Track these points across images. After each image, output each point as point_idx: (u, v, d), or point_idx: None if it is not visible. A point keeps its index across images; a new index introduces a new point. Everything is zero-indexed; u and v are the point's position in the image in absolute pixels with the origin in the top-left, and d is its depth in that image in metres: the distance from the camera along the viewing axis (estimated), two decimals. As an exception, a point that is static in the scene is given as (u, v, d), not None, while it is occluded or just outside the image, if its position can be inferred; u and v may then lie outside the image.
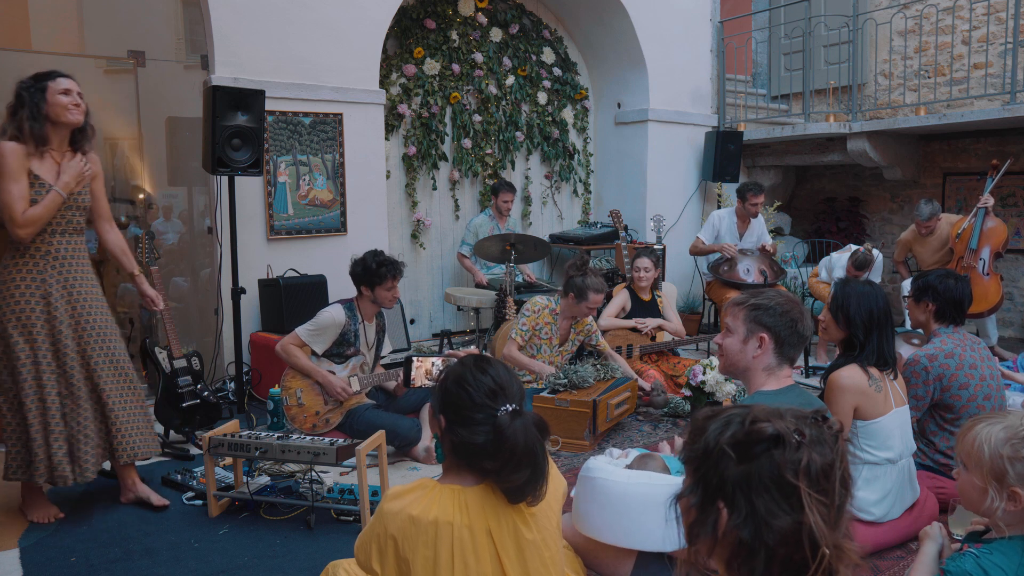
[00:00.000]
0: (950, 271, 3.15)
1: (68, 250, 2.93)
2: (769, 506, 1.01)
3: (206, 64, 4.83)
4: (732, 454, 1.05)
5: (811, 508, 1.00)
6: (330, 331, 3.68)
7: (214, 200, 4.68)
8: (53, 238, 2.89)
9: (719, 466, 1.06)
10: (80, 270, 2.97)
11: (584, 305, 4.13)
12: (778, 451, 1.03)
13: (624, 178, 6.99)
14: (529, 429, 1.57)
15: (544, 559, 1.63)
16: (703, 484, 1.08)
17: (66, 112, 2.85)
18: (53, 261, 2.89)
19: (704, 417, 1.13)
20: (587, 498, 2.34)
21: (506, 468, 1.55)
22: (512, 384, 1.64)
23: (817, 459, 1.03)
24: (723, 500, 1.05)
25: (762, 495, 1.02)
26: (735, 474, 1.04)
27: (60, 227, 2.90)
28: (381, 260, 3.69)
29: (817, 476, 1.02)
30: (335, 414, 3.68)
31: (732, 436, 1.06)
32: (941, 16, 6.45)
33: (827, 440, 1.06)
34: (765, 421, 1.06)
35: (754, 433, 1.05)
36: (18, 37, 5.91)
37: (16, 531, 2.87)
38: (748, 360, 2.16)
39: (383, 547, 1.57)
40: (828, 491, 1.03)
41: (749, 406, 1.12)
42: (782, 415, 1.07)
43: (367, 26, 5.25)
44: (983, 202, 5.20)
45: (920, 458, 2.98)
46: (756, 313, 2.15)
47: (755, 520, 1.02)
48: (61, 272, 2.90)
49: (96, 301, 2.99)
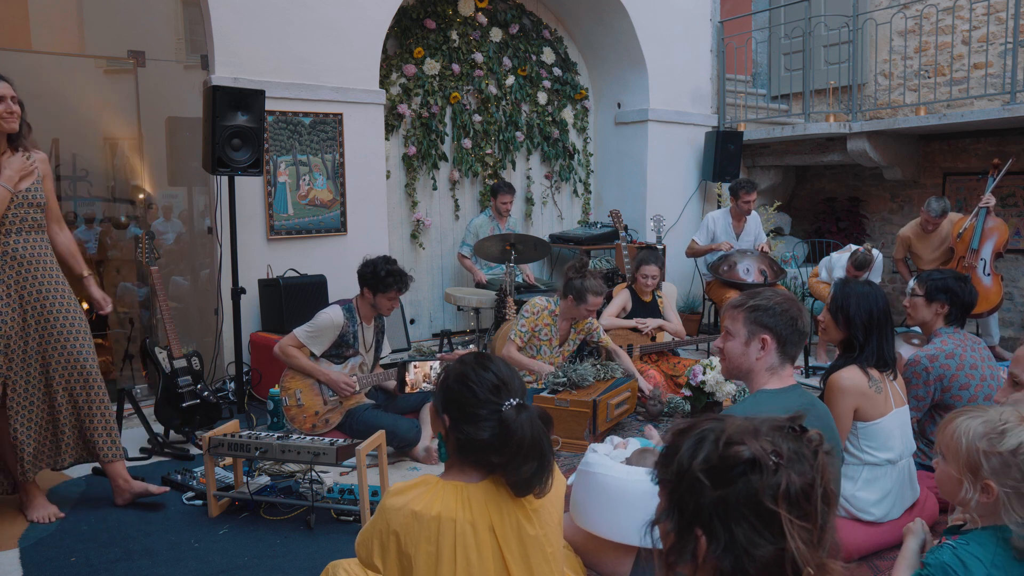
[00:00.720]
0: (959, 273, 3.15)
1: (27, 249, 2.88)
2: (749, 535, 0.98)
3: (206, 64, 4.83)
4: (706, 481, 1.01)
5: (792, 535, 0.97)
6: (328, 333, 3.68)
7: (214, 200, 4.68)
8: (9, 238, 2.85)
9: (693, 492, 1.02)
10: (40, 269, 2.91)
11: (583, 307, 4.13)
12: (755, 476, 0.98)
13: (624, 178, 6.99)
14: (535, 422, 1.58)
15: (546, 555, 1.64)
16: (679, 510, 1.04)
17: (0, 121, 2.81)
18: (11, 261, 2.85)
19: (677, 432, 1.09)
20: (585, 492, 2.34)
21: (514, 461, 1.56)
22: (514, 379, 1.65)
23: (796, 480, 0.98)
24: (700, 527, 1.01)
25: (741, 523, 0.98)
26: (711, 500, 1.00)
27: (15, 226, 2.86)
28: (391, 270, 3.66)
29: (797, 498, 0.98)
30: (334, 414, 3.68)
31: (706, 460, 1.02)
32: (941, 16, 6.45)
33: (806, 456, 1.02)
34: (740, 444, 1.01)
35: (729, 458, 1.00)
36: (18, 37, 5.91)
37: (16, 531, 2.87)
38: (752, 362, 2.15)
39: (385, 543, 1.57)
40: (810, 513, 0.99)
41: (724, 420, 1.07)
42: (758, 432, 1.03)
43: (367, 26, 5.25)
44: (984, 202, 5.20)
45: (920, 458, 2.98)
46: (756, 314, 2.14)
47: (735, 550, 0.98)
48: (20, 272, 2.86)
49: (58, 300, 2.93)
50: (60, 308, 2.93)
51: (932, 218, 5.48)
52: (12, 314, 2.84)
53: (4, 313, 2.82)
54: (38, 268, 2.91)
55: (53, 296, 2.93)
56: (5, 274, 2.84)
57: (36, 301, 2.89)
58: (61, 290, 2.96)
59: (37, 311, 2.90)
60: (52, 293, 2.93)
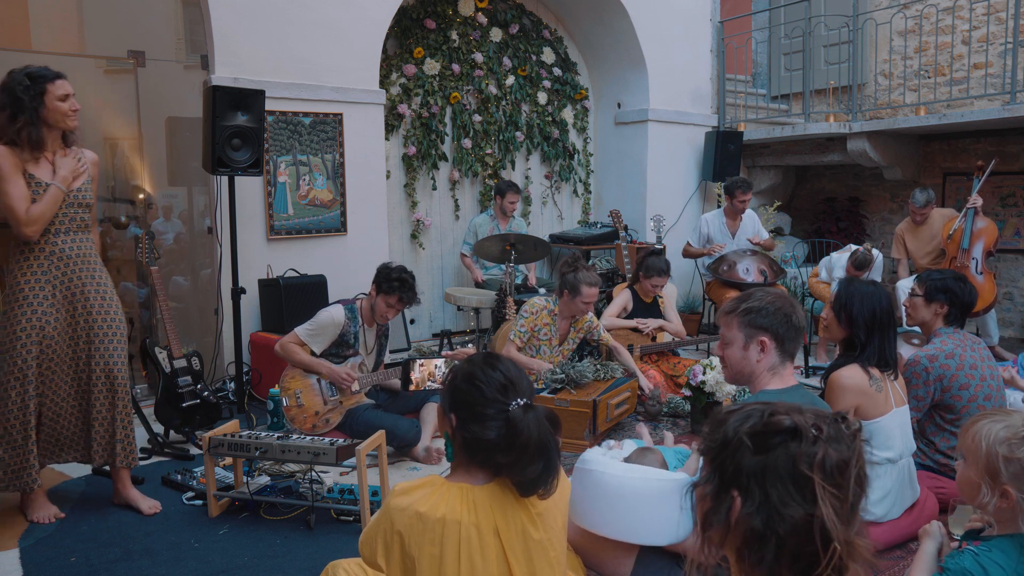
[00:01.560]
0: (958, 273, 3.15)
1: (73, 249, 2.90)
2: (782, 496, 1.03)
3: (206, 64, 4.83)
4: (749, 444, 1.07)
5: (824, 501, 1.01)
6: (328, 331, 3.68)
7: (214, 200, 4.68)
8: (57, 237, 2.87)
9: (736, 456, 1.07)
10: (87, 268, 2.93)
11: (579, 300, 4.13)
12: (795, 443, 1.04)
13: (624, 178, 6.99)
14: (542, 422, 1.58)
15: (550, 559, 1.63)
16: (719, 473, 1.10)
17: (65, 119, 2.83)
18: (58, 261, 2.87)
19: (726, 411, 1.15)
20: (582, 490, 2.33)
21: (520, 461, 1.56)
22: (522, 380, 1.65)
23: (833, 454, 1.04)
24: (737, 489, 1.06)
25: (776, 485, 1.03)
26: (751, 464, 1.06)
27: (64, 226, 2.88)
28: (402, 277, 3.65)
29: (832, 470, 1.03)
30: (334, 414, 3.68)
31: (751, 427, 1.08)
32: (941, 16, 6.45)
33: (845, 438, 1.07)
34: (784, 414, 1.08)
35: (772, 425, 1.07)
36: (18, 37, 5.90)
37: (16, 531, 2.87)
38: (753, 365, 2.14)
39: (389, 543, 1.57)
40: (842, 486, 1.04)
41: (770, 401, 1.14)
42: (802, 411, 1.09)
43: (367, 26, 5.25)
44: (972, 203, 5.28)
45: (920, 458, 2.98)
46: (750, 317, 2.14)
47: (767, 509, 1.03)
48: (66, 272, 2.88)
49: (100, 302, 2.94)
50: (101, 309, 2.94)
51: (917, 208, 5.56)
52: (56, 314, 2.85)
53: (48, 314, 2.83)
54: (83, 268, 2.92)
55: (96, 296, 2.94)
56: (51, 274, 2.85)
57: (81, 300, 2.90)
58: (104, 291, 2.97)
59: (82, 310, 2.91)
60: (96, 293, 2.94)
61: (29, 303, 2.81)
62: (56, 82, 2.81)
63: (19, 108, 2.74)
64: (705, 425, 1.19)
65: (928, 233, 5.66)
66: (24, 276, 2.83)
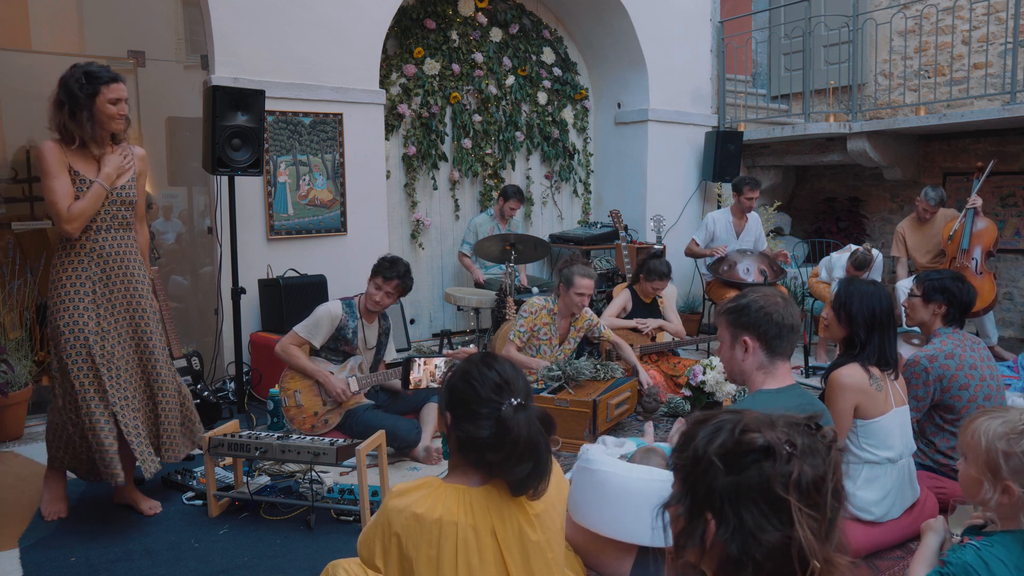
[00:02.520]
0: (957, 273, 3.15)
1: (114, 247, 2.90)
2: (758, 520, 0.99)
3: (206, 64, 4.83)
4: (720, 465, 1.02)
5: (801, 523, 0.98)
6: (325, 323, 3.69)
7: (214, 200, 4.68)
8: (99, 235, 2.86)
9: (707, 476, 1.03)
10: (126, 267, 2.93)
11: (573, 291, 4.15)
12: (768, 463, 1.00)
13: (624, 178, 6.99)
14: (533, 423, 1.58)
15: (548, 560, 1.63)
16: (691, 494, 1.05)
17: (112, 122, 2.83)
18: (98, 259, 2.86)
19: (694, 422, 1.10)
20: (585, 489, 2.33)
21: (509, 460, 1.55)
22: (518, 380, 1.65)
23: (808, 471, 1.00)
24: (711, 511, 1.03)
25: (751, 508, 0.99)
26: (723, 485, 1.02)
27: (105, 223, 2.87)
28: (391, 259, 3.76)
29: (808, 489, 0.99)
30: (334, 415, 3.68)
31: (721, 446, 1.04)
32: (941, 16, 6.45)
33: (819, 451, 1.03)
34: (755, 431, 1.03)
35: (743, 444, 1.02)
36: (18, 37, 5.90)
37: (16, 531, 2.87)
38: (740, 365, 2.15)
39: (387, 544, 1.57)
40: (819, 505, 1.00)
41: (741, 412, 1.09)
42: (774, 424, 1.04)
43: (367, 26, 5.25)
44: (971, 203, 5.30)
45: (920, 458, 2.98)
46: (733, 316, 2.15)
47: (743, 534, 1.00)
48: (105, 270, 2.88)
49: (137, 299, 2.94)
50: (138, 308, 2.94)
51: (930, 206, 5.58)
52: (98, 310, 2.84)
53: (90, 309, 2.82)
54: (123, 265, 2.92)
55: (135, 294, 2.94)
56: (91, 271, 2.85)
57: (124, 297, 2.91)
58: (142, 290, 2.97)
59: (124, 307, 2.91)
60: (135, 291, 2.94)
61: (71, 299, 2.80)
62: (111, 85, 2.82)
63: (75, 104, 2.76)
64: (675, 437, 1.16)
65: (930, 232, 5.68)
66: (65, 272, 2.83)
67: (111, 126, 2.84)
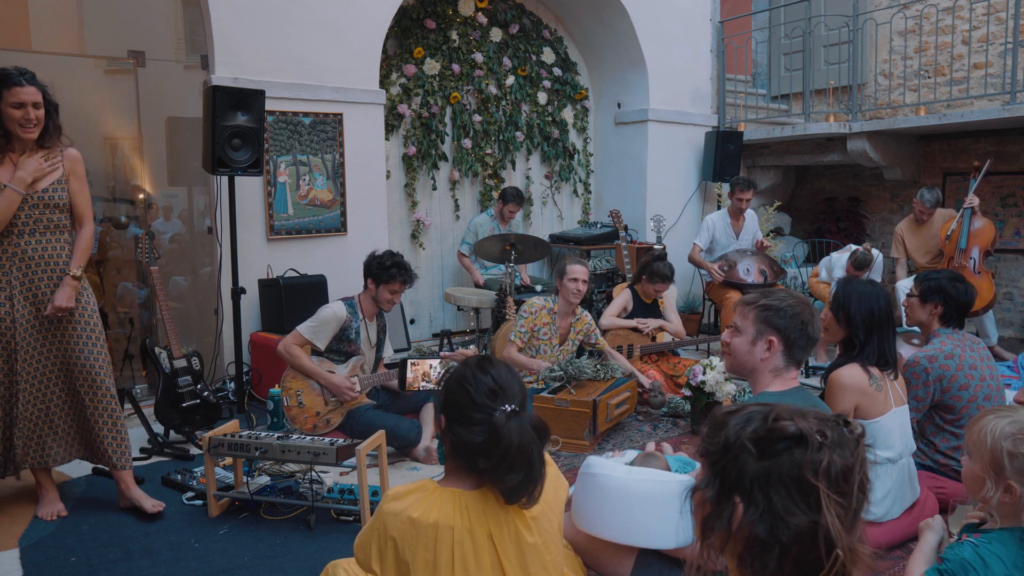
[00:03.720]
0: (955, 274, 3.15)
1: (39, 251, 2.83)
2: (787, 504, 1.02)
3: (206, 64, 4.83)
4: (753, 449, 1.05)
5: (829, 509, 1.00)
6: (331, 325, 3.69)
7: (214, 200, 4.68)
8: (21, 239, 2.80)
9: (738, 461, 1.06)
10: (52, 271, 2.86)
11: (567, 279, 4.20)
12: (799, 450, 1.03)
13: (624, 178, 6.99)
14: (525, 431, 1.55)
15: (545, 563, 1.63)
16: (720, 478, 1.08)
17: (15, 126, 2.73)
18: (19, 263, 2.81)
19: (725, 413, 1.13)
20: (586, 494, 2.33)
21: (499, 468, 1.54)
22: (513, 385, 1.63)
23: (838, 461, 1.03)
24: (740, 495, 1.05)
25: (780, 492, 1.02)
26: (754, 470, 1.05)
27: (28, 227, 2.81)
28: (396, 261, 3.72)
29: (837, 478, 1.02)
30: (335, 414, 3.68)
31: (754, 432, 1.07)
32: (941, 16, 6.45)
33: (848, 443, 1.06)
34: (788, 420, 1.06)
35: (776, 431, 1.06)
36: (18, 37, 5.90)
37: (16, 531, 2.87)
38: (756, 362, 2.14)
39: (383, 548, 1.57)
40: (846, 493, 1.03)
41: (771, 404, 1.12)
42: (804, 415, 1.08)
43: (367, 26, 5.25)
44: (968, 203, 5.31)
45: (920, 458, 2.98)
46: (767, 314, 2.12)
47: (771, 516, 1.02)
48: (28, 273, 2.82)
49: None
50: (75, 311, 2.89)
51: (926, 207, 5.60)
52: (15, 314, 2.81)
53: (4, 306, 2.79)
54: (54, 270, 2.86)
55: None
56: (12, 275, 2.80)
57: (43, 304, 2.85)
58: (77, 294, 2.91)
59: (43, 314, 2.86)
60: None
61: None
62: (13, 89, 2.69)
63: None
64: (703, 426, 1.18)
65: (929, 232, 5.69)
66: None
67: (16, 132, 2.73)
